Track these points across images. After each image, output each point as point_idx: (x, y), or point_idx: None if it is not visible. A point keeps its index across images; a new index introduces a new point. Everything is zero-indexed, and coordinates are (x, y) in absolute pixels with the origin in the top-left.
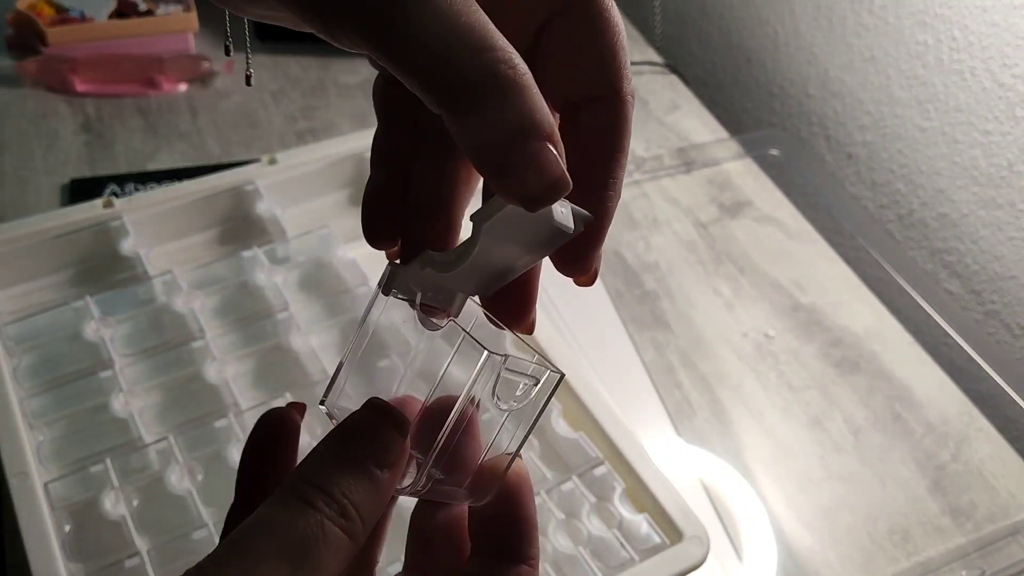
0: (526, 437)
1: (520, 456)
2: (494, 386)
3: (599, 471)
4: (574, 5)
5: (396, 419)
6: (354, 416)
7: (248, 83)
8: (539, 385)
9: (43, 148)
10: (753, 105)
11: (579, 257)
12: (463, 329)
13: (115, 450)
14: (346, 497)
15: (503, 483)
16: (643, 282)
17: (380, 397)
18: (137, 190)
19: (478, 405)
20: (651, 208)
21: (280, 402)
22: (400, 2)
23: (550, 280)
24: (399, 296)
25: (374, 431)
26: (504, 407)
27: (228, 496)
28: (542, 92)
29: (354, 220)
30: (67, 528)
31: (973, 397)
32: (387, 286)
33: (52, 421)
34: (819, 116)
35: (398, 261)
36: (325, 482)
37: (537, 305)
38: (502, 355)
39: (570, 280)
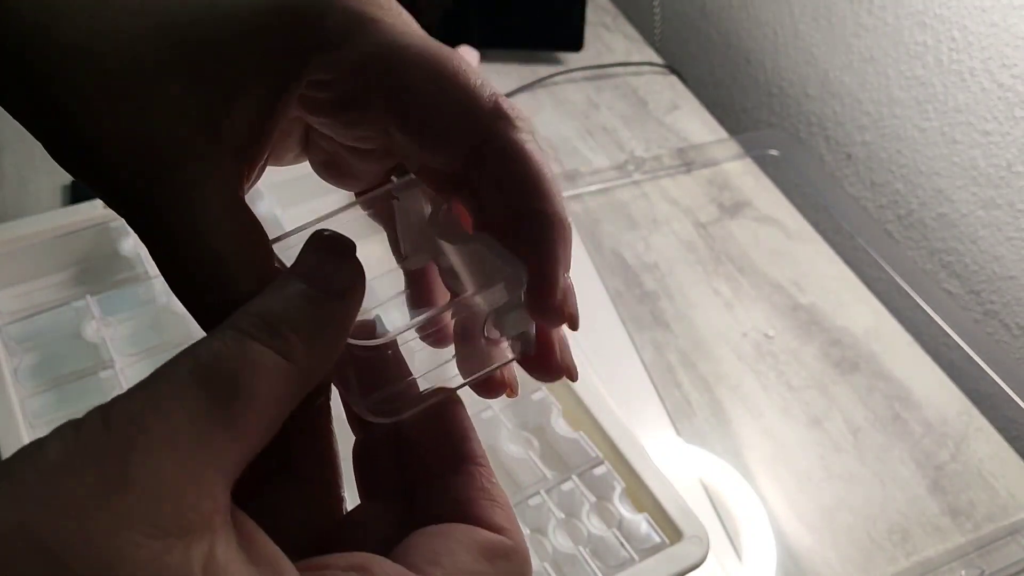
0: (476, 379)
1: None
2: (492, 315)
3: (599, 471)
4: (491, 141)
5: (343, 244)
6: (301, 249)
7: None
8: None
9: (44, 149)
10: (752, 105)
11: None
12: (489, 240)
13: None
14: (281, 320)
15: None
16: (643, 282)
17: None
18: None
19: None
20: (651, 208)
21: None
22: None
23: None
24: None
25: (319, 259)
26: (489, 335)
27: None
28: (481, 216)
29: (355, 220)
30: None
31: (972, 397)
32: (400, 188)
33: (53, 421)
34: (818, 116)
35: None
36: (259, 309)
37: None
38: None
39: (570, 280)
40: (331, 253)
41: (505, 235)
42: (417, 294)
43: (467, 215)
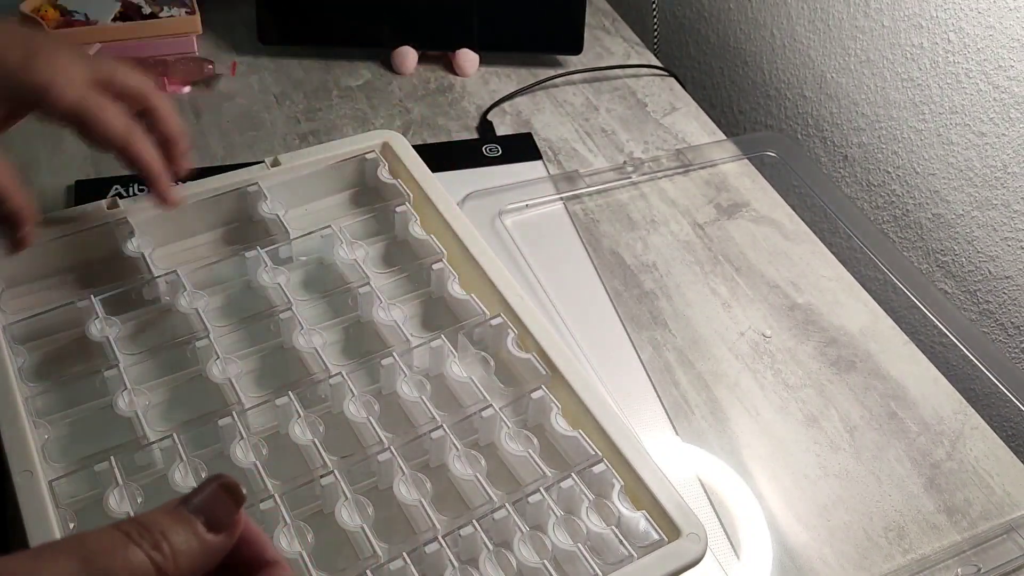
0: None
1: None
2: None
3: (598, 469)
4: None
5: (237, 494)
6: (201, 484)
7: None
8: None
9: (48, 150)
10: (750, 107)
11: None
12: None
13: (119, 448)
14: (164, 537)
15: None
16: (641, 282)
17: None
18: (141, 191)
19: None
20: (649, 209)
21: (283, 401)
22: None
23: (549, 279)
24: None
25: (213, 498)
26: None
27: None
28: None
29: (356, 221)
30: (72, 526)
31: (968, 396)
32: None
33: (57, 419)
34: (815, 118)
35: None
36: (148, 521)
37: (534, 305)
38: None
39: (570, 280)
40: (228, 496)
41: None
42: None
43: None
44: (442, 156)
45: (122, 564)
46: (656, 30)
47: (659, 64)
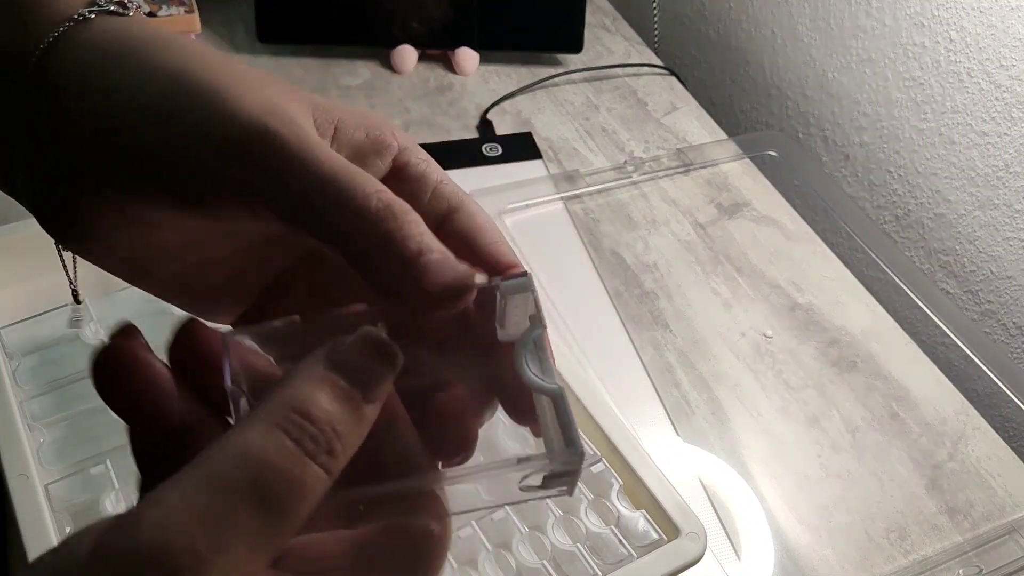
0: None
1: None
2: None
3: (596, 468)
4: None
5: (391, 352)
6: (348, 345)
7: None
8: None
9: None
10: (751, 106)
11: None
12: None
13: (116, 451)
14: (335, 432)
15: None
16: (642, 282)
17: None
18: None
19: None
20: (650, 209)
21: None
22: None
23: (549, 279)
24: None
25: (368, 363)
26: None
27: None
28: None
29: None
30: (68, 529)
31: (970, 396)
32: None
33: (52, 423)
34: (817, 117)
35: None
36: (314, 413)
37: (539, 306)
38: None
39: (568, 279)
40: (380, 358)
41: None
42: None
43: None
44: (442, 155)
45: (304, 494)
46: (657, 29)
47: (660, 63)
